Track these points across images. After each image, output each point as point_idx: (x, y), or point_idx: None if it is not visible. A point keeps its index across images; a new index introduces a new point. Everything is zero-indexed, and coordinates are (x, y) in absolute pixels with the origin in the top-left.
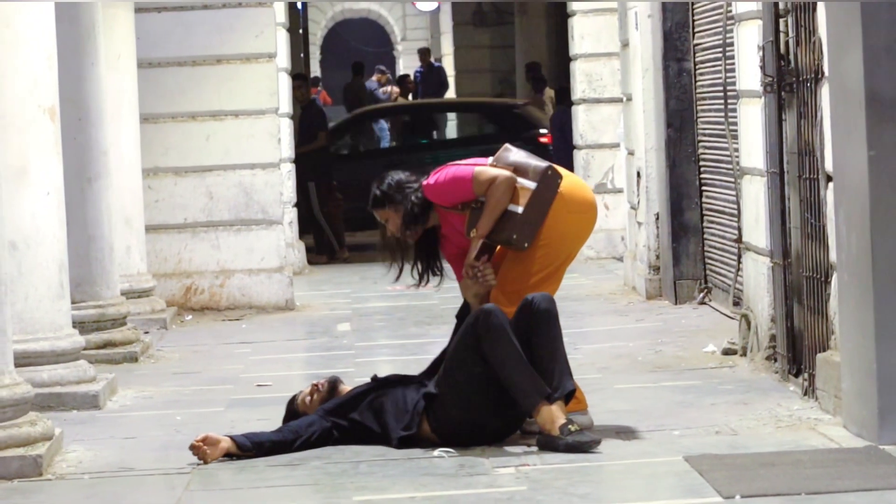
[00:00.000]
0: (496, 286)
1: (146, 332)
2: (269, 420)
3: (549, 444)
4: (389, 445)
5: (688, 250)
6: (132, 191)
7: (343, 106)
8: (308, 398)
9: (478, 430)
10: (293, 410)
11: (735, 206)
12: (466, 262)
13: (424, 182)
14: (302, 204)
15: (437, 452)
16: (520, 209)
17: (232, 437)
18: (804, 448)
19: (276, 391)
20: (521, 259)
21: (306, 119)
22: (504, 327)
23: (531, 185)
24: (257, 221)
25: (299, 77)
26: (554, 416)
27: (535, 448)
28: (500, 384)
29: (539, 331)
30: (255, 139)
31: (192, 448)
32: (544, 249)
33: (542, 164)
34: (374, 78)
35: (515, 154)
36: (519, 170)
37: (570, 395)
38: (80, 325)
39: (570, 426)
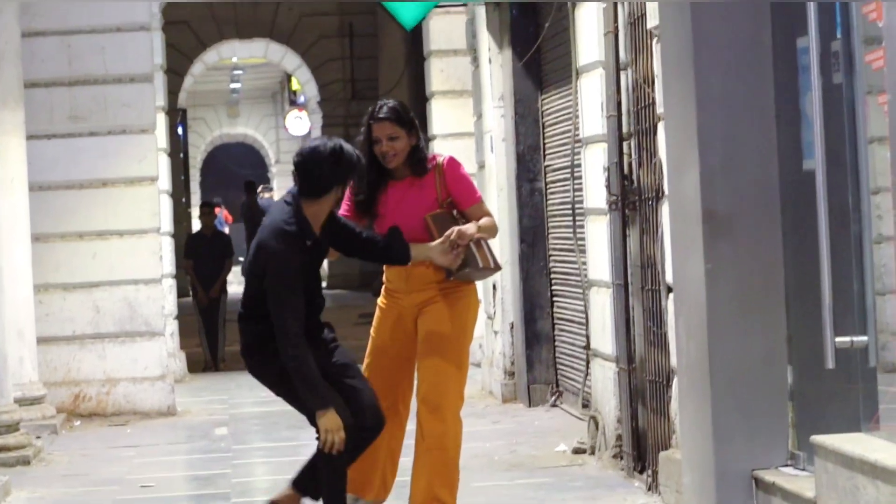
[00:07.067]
0: (440, 360)
1: (38, 437)
2: None
3: None
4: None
5: (540, 357)
6: (24, 305)
7: (242, 223)
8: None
9: None
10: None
11: (584, 316)
12: (467, 234)
13: (447, 156)
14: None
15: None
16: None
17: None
18: None
19: (158, 492)
20: (452, 331)
21: (218, 247)
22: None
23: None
24: (141, 333)
25: (206, 205)
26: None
27: None
28: None
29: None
30: (138, 256)
31: None
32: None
33: None
34: (267, 195)
35: None
36: None
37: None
38: None
39: None
